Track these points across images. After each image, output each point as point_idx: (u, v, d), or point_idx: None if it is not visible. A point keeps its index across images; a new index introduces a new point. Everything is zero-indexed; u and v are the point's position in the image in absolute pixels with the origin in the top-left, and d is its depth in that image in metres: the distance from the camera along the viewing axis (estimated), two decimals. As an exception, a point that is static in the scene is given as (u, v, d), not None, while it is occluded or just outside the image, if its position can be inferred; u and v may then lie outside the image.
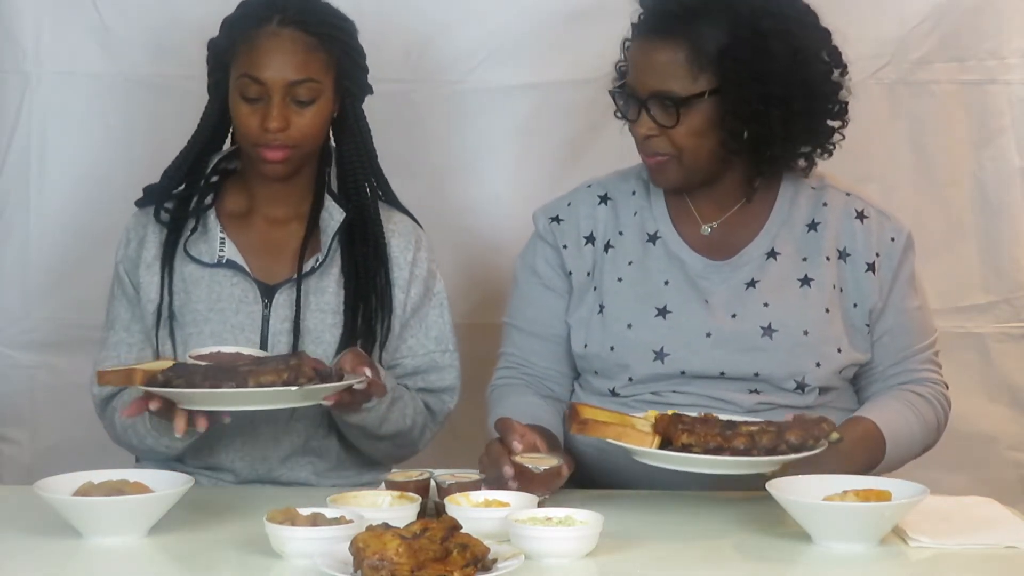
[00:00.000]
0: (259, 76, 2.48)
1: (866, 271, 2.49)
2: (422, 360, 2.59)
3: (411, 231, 2.63)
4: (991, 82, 3.18)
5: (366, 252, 2.57)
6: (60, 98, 3.16)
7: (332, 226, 2.57)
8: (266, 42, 2.49)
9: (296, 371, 2.19)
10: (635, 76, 2.45)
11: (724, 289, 2.48)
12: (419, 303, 2.60)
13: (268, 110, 2.48)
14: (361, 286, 2.55)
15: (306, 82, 2.49)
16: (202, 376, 2.20)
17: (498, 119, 3.18)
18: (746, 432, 2.17)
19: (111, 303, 2.62)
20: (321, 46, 2.51)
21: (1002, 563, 1.99)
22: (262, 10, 2.52)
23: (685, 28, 2.39)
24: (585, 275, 2.55)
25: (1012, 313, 3.22)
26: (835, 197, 2.53)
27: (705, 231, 2.53)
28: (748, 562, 2.03)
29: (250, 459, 2.55)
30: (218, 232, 2.57)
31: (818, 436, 2.18)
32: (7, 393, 3.20)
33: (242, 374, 2.19)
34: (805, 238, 2.51)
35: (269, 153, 2.50)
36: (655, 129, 2.42)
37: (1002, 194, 3.20)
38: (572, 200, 2.62)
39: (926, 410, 2.48)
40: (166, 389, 2.21)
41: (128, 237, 2.63)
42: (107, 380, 2.30)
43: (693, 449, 2.16)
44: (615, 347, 2.46)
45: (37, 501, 2.07)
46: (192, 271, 2.55)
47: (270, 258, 2.58)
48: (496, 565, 1.84)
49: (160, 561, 2.02)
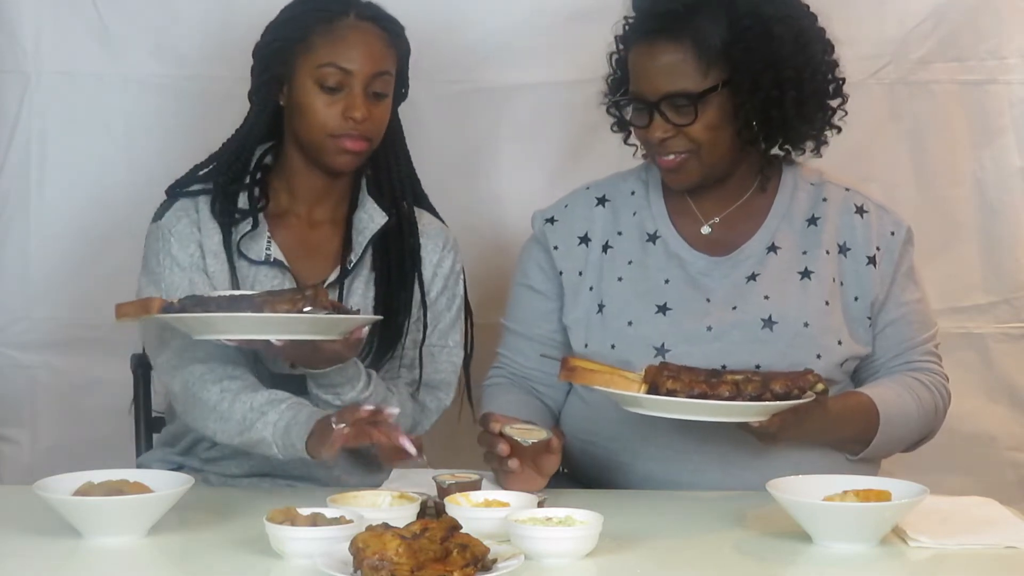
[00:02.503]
0: (345, 65, 2.49)
1: (867, 265, 2.49)
2: (423, 351, 2.60)
3: (440, 232, 2.65)
4: (991, 82, 3.18)
5: (402, 257, 2.58)
6: (60, 98, 3.16)
7: (371, 228, 2.57)
8: (350, 33, 2.51)
9: (312, 301, 2.23)
10: (642, 82, 2.44)
11: (725, 284, 2.48)
12: (435, 300, 2.61)
13: (351, 100, 2.48)
14: (393, 290, 2.56)
15: (384, 75, 2.52)
16: (217, 305, 2.23)
17: (498, 119, 3.19)
18: (731, 381, 2.21)
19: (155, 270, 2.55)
20: (392, 42, 2.55)
21: (1002, 563, 1.99)
22: (336, 4, 2.53)
23: (688, 26, 2.40)
24: (577, 275, 2.55)
25: (1012, 313, 3.22)
26: (834, 192, 2.54)
27: (705, 231, 2.53)
28: (748, 562, 2.03)
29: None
30: (265, 230, 2.57)
31: (803, 387, 2.22)
32: (7, 393, 3.20)
33: (257, 303, 2.23)
34: (805, 232, 2.51)
35: (350, 143, 2.50)
36: (671, 130, 2.42)
37: (1002, 194, 3.20)
38: (569, 202, 2.62)
39: (924, 395, 2.48)
40: (182, 315, 2.24)
41: (177, 216, 2.55)
42: (124, 312, 2.30)
43: (678, 395, 2.19)
44: (616, 345, 2.46)
45: (37, 501, 2.06)
46: (242, 266, 2.56)
47: (308, 258, 2.58)
48: (496, 565, 1.84)
49: (160, 561, 2.02)
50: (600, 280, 2.53)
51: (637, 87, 2.45)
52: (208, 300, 2.27)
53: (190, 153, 2.94)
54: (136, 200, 3.11)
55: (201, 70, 3.15)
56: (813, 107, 2.47)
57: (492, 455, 2.28)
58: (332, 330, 2.27)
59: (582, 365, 2.26)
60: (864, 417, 2.40)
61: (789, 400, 2.20)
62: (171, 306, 2.26)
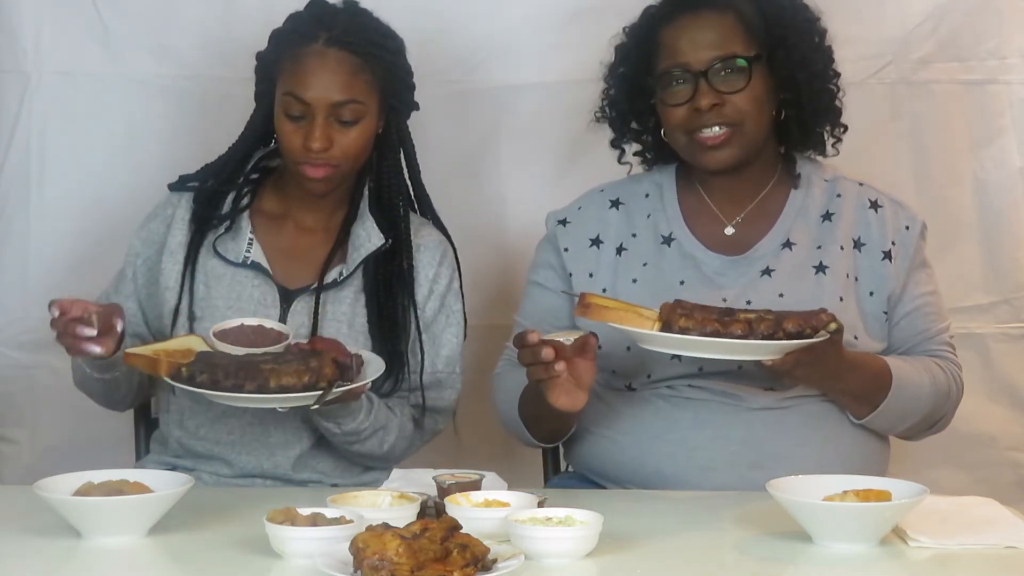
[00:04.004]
0: (302, 96, 2.49)
1: (882, 260, 2.51)
2: (428, 378, 2.60)
3: (437, 246, 2.64)
4: (991, 82, 3.18)
5: (390, 277, 2.58)
6: (60, 98, 3.15)
7: (367, 247, 2.58)
8: (311, 62, 2.50)
9: (316, 373, 2.25)
10: (687, 52, 2.46)
11: (740, 282, 2.49)
12: (432, 319, 2.61)
13: (311, 129, 2.49)
14: (384, 308, 2.56)
15: (349, 103, 2.50)
16: (224, 373, 2.25)
17: (499, 119, 3.19)
18: (744, 319, 2.21)
19: (120, 277, 2.69)
20: (366, 66, 2.52)
21: (1002, 563, 1.99)
22: (309, 27, 2.52)
23: (729, 2, 2.46)
24: (587, 276, 2.55)
25: (1012, 313, 3.22)
26: (848, 188, 2.56)
27: (729, 231, 2.53)
28: (748, 562, 2.02)
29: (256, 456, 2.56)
30: (248, 232, 2.59)
31: (816, 326, 2.22)
32: (7, 393, 3.20)
33: (264, 373, 2.24)
34: (820, 228, 2.53)
35: (311, 171, 2.51)
36: (718, 99, 2.44)
37: (1002, 194, 3.20)
38: (583, 204, 2.63)
39: (939, 376, 2.49)
40: (192, 388, 2.27)
41: (155, 213, 2.65)
42: (133, 362, 2.34)
43: (691, 333, 2.19)
44: (631, 347, 2.45)
45: (37, 501, 2.06)
46: (215, 266, 2.57)
47: (294, 264, 2.59)
48: (496, 565, 1.84)
49: (160, 561, 2.02)
50: (615, 282, 2.53)
51: (678, 60, 2.47)
52: (216, 364, 2.28)
53: (190, 153, 2.94)
54: (136, 200, 3.11)
55: (201, 70, 3.15)
56: (828, 101, 2.52)
57: (536, 368, 2.28)
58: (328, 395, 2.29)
59: (597, 301, 2.26)
60: (877, 375, 2.41)
61: (802, 339, 2.20)
62: (179, 373, 2.28)
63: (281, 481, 2.56)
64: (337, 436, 2.48)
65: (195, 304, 2.56)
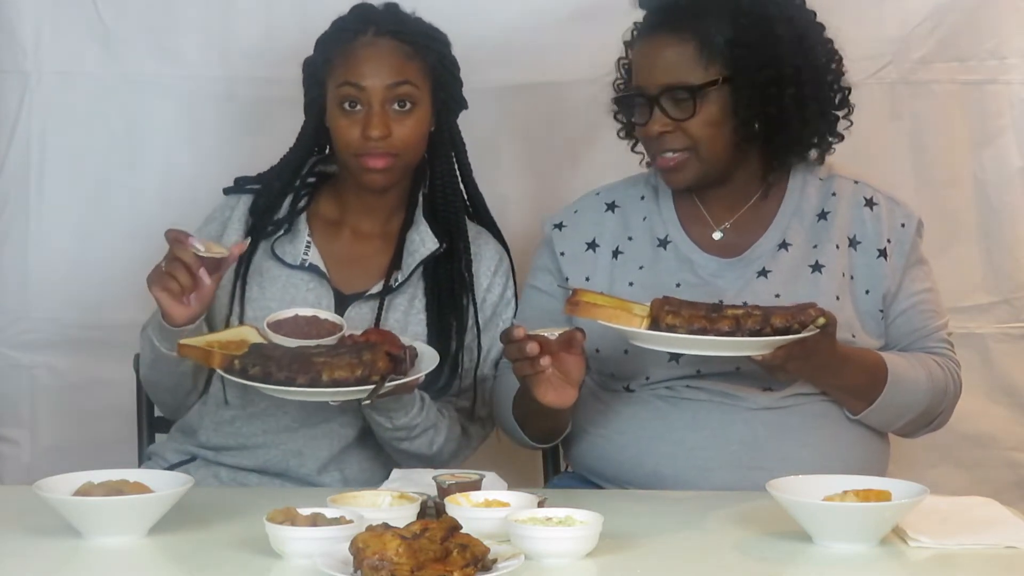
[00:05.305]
0: (359, 82, 2.50)
1: (877, 257, 2.50)
2: (480, 385, 2.59)
3: (494, 254, 2.65)
4: (991, 82, 3.18)
5: (452, 282, 2.58)
6: (60, 98, 3.16)
7: (421, 252, 2.58)
8: (363, 51, 2.52)
9: (370, 367, 2.24)
10: (644, 75, 2.46)
11: (737, 283, 2.49)
12: (484, 327, 2.61)
13: (369, 118, 2.49)
14: (444, 314, 2.56)
15: (404, 84, 2.51)
16: (277, 366, 2.24)
17: (498, 119, 3.18)
18: (731, 315, 2.21)
19: None
20: (417, 54, 2.54)
21: (1002, 563, 1.99)
22: (356, 23, 2.55)
23: (691, 21, 2.42)
24: (583, 280, 2.55)
25: (1012, 313, 3.22)
26: (844, 186, 2.55)
27: (717, 236, 2.53)
28: (748, 562, 2.02)
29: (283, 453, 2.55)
30: (305, 235, 2.59)
31: (804, 321, 2.22)
32: (7, 393, 3.20)
33: (317, 367, 2.24)
34: (815, 227, 2.52)
35: (371, 161, 2.51)
36: (669, 124, 2.43)
37: (1002, 194, 3.20)
38: (579, 207, 2.63)
39: (936, 372, 2.49)
40: (243, 381, 2.26)
41: (212, 216, 2.65)
42: (186, 353, 2.34)
43: (678, 330, 2.19)
44: (628, 350, 2.45)
45: (37, 501, 2.06)
46: (270, 267, 2.57)
47: (349, 269, 2.59)
48: (496, 565, 1.83)
49: (160, 561, 2.02)
50: (611, 286, 2.53)
51: (639, 81, 2.47)
52: (269, 356, 2.27)
53: (190, 153, 2.95)
54: (136, 200, 3.12)
55: (201, 70, 3.15)
56: (813, 110, 2.47)
57: (522, 363, 2.27)
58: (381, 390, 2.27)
59: (586, 299, 2.26)
60: (872, 370, 2.41)
61: (789, 335, 2.20)
62: (231, 366, 2.27)
63: (301, 483, 2.55)
64: (388, 431, 2.46)
65: (247, 304, 2.55)
